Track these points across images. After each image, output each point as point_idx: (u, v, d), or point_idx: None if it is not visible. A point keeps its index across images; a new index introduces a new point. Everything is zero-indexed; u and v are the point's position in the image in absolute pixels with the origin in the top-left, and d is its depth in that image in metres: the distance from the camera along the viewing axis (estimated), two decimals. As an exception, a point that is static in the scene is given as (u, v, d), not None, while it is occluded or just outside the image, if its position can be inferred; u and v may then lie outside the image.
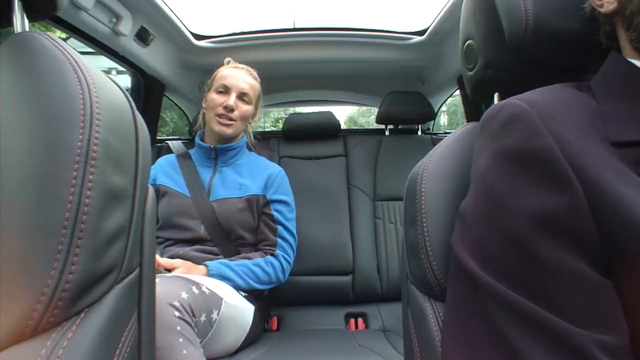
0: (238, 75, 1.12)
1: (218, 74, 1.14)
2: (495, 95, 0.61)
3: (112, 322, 0.30)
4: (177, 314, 0.75)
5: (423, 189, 0.46)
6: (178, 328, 0.73)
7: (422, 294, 0.42)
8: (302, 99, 2.09)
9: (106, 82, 0.34)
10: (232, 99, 1.09)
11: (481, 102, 0.64)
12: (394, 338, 1.10)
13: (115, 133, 0.32)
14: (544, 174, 0.32)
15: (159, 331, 0.71)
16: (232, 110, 1.09)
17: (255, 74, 1.18)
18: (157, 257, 0.96)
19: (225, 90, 1.10)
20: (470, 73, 0.58)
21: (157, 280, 0.77)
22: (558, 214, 0.30)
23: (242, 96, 1.11)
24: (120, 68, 1.49)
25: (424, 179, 0.47)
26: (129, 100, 0.37)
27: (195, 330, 0.78)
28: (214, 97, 1.10)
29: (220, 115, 1.09)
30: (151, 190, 0.39)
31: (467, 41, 0.58)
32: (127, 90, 0.39)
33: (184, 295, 0.78)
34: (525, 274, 0.31)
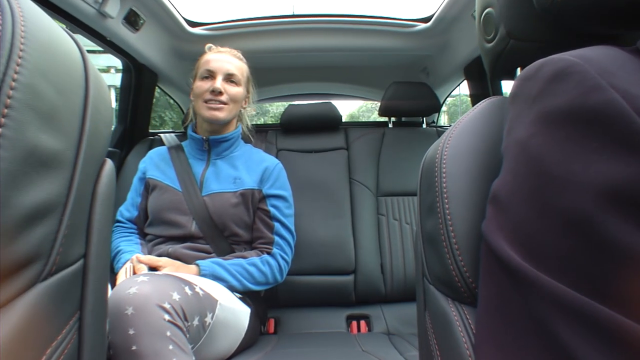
0: (221, 58, 1.05)
1: (201, 61, 1.07)
2: (518, 71, 0.55)
3: (26, 336, 0.22)
4: (167, 317, 0.67)
5: (443, 170, 0.38)
6: (168, 333, 0.66)
7: (444, 296, 0.35)
8: (301, 92, 2.02)
9: (46, 20, 0.27)
10: (218, 82, 1.02)
11: (501, 78, 0.57)
12: (399, 342, 1.03)
13: (49, 80, 0.24)
14: (611, 134, 0.24)
15: (146, 336, 0.63)
16: (220, 93, 1.02)
17: (240, 54, 1.11)
18: (139, 254, 0.89)
19: (211, 75, 1.03)
20: (489, 45, 0.52)
21: (145, 279, 0.70)
22: (635, 183, 0.23)
23: (229, 78, 1.04)
24: (121, 66, 1.42)
25: (444, 158, 0.40)
26: (80, 50, 0.30)
27: (187, 335, 0.70)
28: (199, 84, 1.04)
29: (208, 101, 1.02)
30: (109, 165, 0.32)
31: (485, 9, 0.52)
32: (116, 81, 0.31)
33: (176, 296, 0.71)
34: (591, 266, 0.23)
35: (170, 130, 1.58)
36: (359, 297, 1.25)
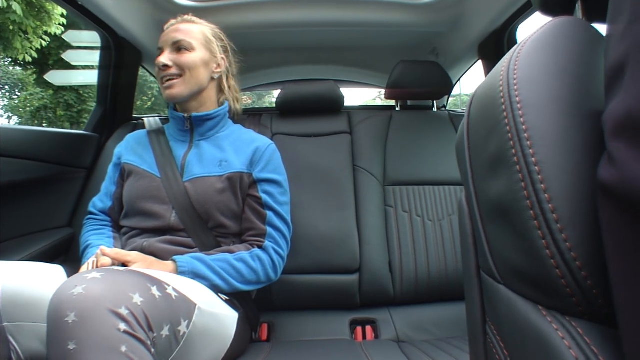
0: (169, 30, 0.93)
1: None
2: (578, 5, 0.41)
3: None
4: (122, 326, 0.51)
5: (517, 98, 0.24)
6: (123, 349, 0.50)
7: (531, 304, 0.20)
8: (298, 78, 1.87)
9: None
10: (163, 56, 0.90)
11: (556, 13, 0.43)
12: (412, 351, 0.88)
13: None
14: None
15: (92, 352, 0.48)
16: (165, 66, 0.89)
17: (192, 17, 0.98)
18: (103, 247, 0.75)
19: (161, 53, 0.92)
20: None
21: (97, 275, 0.55)
22: None
23: (176, 46, 0.91)
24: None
25: (513, 81, 0.25)
26: None
27: (152, 350, 0.55)
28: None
29: (161, 79, 0.90)
30: None
31: None
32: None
33: (137, 299, 0.55)
34: None
35: (157, 115, 1.44)
36: (365, 299, 1.10)
